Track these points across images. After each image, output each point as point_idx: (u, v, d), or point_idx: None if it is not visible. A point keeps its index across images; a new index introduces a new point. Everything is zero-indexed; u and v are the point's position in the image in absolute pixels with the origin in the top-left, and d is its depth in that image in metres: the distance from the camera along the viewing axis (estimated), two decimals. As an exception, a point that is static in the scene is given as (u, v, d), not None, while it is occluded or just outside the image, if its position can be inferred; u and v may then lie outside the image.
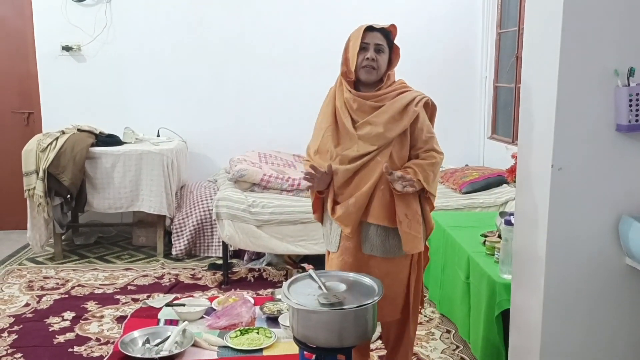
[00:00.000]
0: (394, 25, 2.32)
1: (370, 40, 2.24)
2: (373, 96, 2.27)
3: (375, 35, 2.26)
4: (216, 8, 5.02)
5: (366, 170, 2.23)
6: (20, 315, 3.39)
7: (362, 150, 2.22)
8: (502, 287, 2.41)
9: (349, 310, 1.83)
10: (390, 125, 2.21)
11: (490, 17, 5.11)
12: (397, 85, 2.33)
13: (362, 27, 2.26)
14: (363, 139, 2.23)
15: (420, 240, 2.27)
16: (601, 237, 1.91)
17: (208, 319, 3.22)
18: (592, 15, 1.79)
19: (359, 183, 2.24)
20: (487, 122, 5.24)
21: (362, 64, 2.24)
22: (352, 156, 2.23)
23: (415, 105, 2.25)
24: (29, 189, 4.23)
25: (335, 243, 2.32)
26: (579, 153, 1.86)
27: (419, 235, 2.26)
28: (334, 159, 2.26)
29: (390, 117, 2.22)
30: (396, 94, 2.28)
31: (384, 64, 2.28)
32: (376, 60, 2.24)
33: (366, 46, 2.24)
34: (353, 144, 2.24)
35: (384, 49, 2.27)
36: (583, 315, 1.96)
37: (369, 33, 2.26)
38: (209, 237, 4.45)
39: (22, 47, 5.02)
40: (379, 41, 2.26)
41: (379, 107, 2.24)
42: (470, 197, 4.09)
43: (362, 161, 2.22)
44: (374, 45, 2.24)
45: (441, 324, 3.27)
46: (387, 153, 2.23)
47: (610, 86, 1.82)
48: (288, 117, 5.15)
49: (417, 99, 2.27)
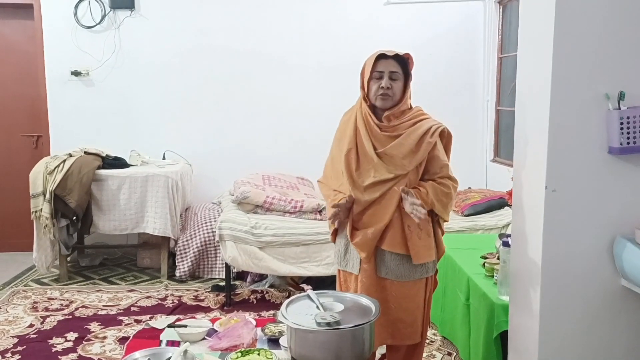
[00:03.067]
0: (409, 54, 2.33)
1: (384, 68, 2.26)
2: (388, 127, 2.29)
3: (389, 62, 2.26)
4: (222, 34, 5.12)
5: (384, 201, 2.27)
6: (24, 336, 3.41)
7: (378, 177, 2.25)
8: (500, 309, 2.42)
9: (345, 330, 1.85)
10: (408, 158, 2.25)
11: (491, 42, 5.18)
12: (413, 113, 2.34)
13: (375, 55, 2.28)
14: (380, 164, 2.26)
15: (428, 250, 2.30)
16: (596, 259, 1.93)
17: (209, 340, 3.21)
18: (582, 40, 1.84)
19: (376, 212, 2.28)
20: (489, 145, 5.28)
21: (378, 92, 2.26)
22: (369, 182, 2.26)
23: (431, 137, 2.27)
24: (35, 211, 4.28)
25: (356, 265, 2.34)
26: (573, 175, 1.89)
27: (426, 244, 2.28)
28: (351, 184, 2.28)
29: (408, 150, 2.25)
30: (412, 123, 2.30)
31: (399, 91, 2.29)
32: (391, 88, 2.26)
33: (380, 74, 2.26)
34: (370, 169, 2.27)
35: (399, 76, 2.28)
36: (579, 337, 1.96)
37: (382, 61, 2.26)
38: (213, 259, 4.47)
39: (32, 71, 5.13)
40: (394, 68, 2.26)
41: (394, 137, 2.27)
42: (472, 219, 4.11)
43: (380, 192, 2.26)
44: (389, 73, 2.26)
45: (442, 346, 3.27)
46: (403, 183, 2.27)
47: (602, 109, 1.86)
48: (292, 140, 5.21)
49: (432, 129, 2.29)
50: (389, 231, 2.28)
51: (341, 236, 2.41)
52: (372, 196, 2.27)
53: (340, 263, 2.43)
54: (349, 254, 2.38)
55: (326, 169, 2.48)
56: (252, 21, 5.13)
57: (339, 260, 2.43)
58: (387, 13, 5.16)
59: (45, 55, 5.05)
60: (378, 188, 2.26)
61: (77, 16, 4.99)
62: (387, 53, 2.28)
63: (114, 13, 5.03)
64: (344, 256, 2.40)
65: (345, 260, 2.39)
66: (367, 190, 2.27)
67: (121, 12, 5.03)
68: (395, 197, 2.25)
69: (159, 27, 5.08)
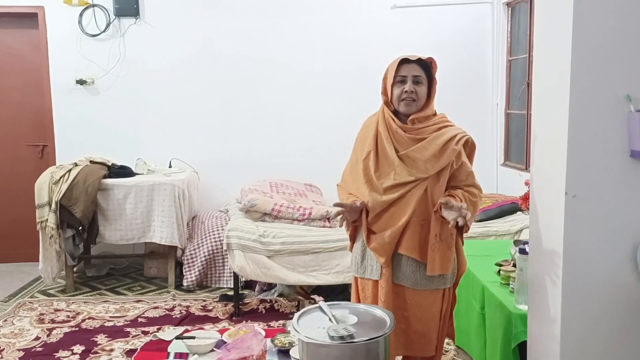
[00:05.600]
0: (432, 58, 2.30)
1: (407, 72, 2.23)
2: (412, 129, 2.25)
3: (412, 67, 2.24)
4: (227, 40, 5.08)
5: (402, 203, 2.22)
6: (30, 349, 3.36)
7: (399, 179, 2.21)
8: (518, 318, 2.34)
9: (359, 344, 1.78)
10: (431, 162, 2.21)
11: (500, 45, 5.12)
12: (437, 119, 2.31)
13: (398, 59, 2.25)
14: (401, 167, 2.22)
15: (446, 263, 2.23)
16: (618, 266, 1.86)
17: (218, 352, 3.16)
18: (602, 39, 1.77)
19: (394, 214, 2.23)
20: (499, 149, 5.21)
21: (401, 97, 2.23)
22: (388, 185, 2.22)
23: (456, 144, 2.24)
24: (41, 221, 4.24)
25: (375, 271, 2.29)
26: (593, 180, 1.82)
27: (446, 256, 2.22)
28: (370, 186, 2.24)
29: (431, 154, 2.21)
30: (436, 129, 2.27)
31: (423, 95, 2.26)
32: (415, 92, 2.23)
33: (403, 79, 2.23)
34: (391, 171, 2.23)
35: (422, 80, 2.25)
36: (601, 346, 1.89)
37: (406, 65, 2.24)
38: (220, 268, 4.42)
39: (37, 81, 5.10)
40: (417, 72, 2.24)
41: (418, 140, 2.23)
42: (483, 225, 4.03)
43: (399, 193, 2.22)
44: (412, 77, 2.23)
45: (457, 356, 3.19)
46: (423, 186, 2.22)
47: (623, 112, 1.79)
48: (299, 146, 5.16)
49: (458, 137, 2.26)
50: (406, 234, 2.22)
51: (358, 243, 2.36)
52: (391, 197, 2.22)
53: (357, 270, 2.37)
54: (366, 260, 2.32)
55: (345, 172, 2.45)
56: (257, 27, 5.09)
57: (355, 268, 2.38)
58: (394, 17, 5.10)
59: (50, 64, 5.03)
60: (397, 190, 2.22)
61: (81, 24, 4.97)
62: (410, 58, 2.25)
63: (119, 21, 5.01)
64: (361, 263, 2.34)
65: (363, 267, 2.34)
66: (386, 192, 2.23)
67: (126, 20, 5.01)
68: (414, 200, 2.21)
69: (164, 34, 5.05)
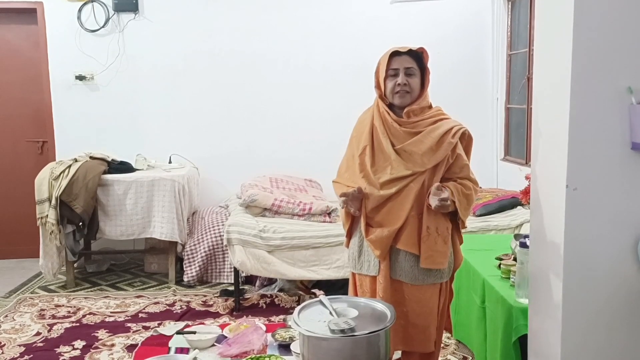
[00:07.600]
0: (423, 48, 2.29)
1: (398, 65, 2.22)
2: (408, 123, 2.25)
3: (403, 59, 2.23)
4: (226, 36, 5.07)
5: (400, 198, 2.22)
6: (31, 345, 3.36)
7: (395, 174, 2.21)
8: (518, 312, 2.34)
9: (360, 337, 1.79)
10: (427, 156, 2.20)
11: (500, 39, 5.11)
12: (433, 112, 2.30)
13: (388, 52, 2.24)
14: (398, 161, 2.21)
15: (441, 257, 2.22)
16: (620, 258, 1.86)
17: (219, 346, 3.17)
18: (603, 31, 1.76)
19: (392, 209, 2.23)
20: (499, 143, 5.20)
21: (395, 90, 2.22)
22: (385, 179, 2.21)
23: (452, 137, 2.23)
24: (41, 217, 4.24)
25: (375, 267, 2.28)
26: (594, 173, 1.81)
27: (441, 250, 2.22)
28: (367, 181, 2.24)
29: (427, 148, 2.20)
30: (432, 122, 2.26)
31: (417, 86, 2.25)
32: (408, 84, 2.22)
33: (396, 72, 2.22)
34: (387, 165, 2.22)
35: (414, 71, 2.24)
36: (603, 339, 1.89)
37: (397, 58, 2.23)
38: (221, 263, 4.42)
39: (36, 76, 5.09)
40: (409, 64, 2.23)
41: (414, 134, 2.22)
42: (484, 219, 4.03)
43: (397, 188, 2.21)
44: (404, 70, 2.22)
45: (457, 350, 3.20)
46: (420, 181, 2.22)
47: (624, 104, 1.78)
48: (299, 141, 5.16)
49: (454, 130, 2.25)
50: (405, 230, 2.22)
51: (355, 238, 2.35)
52: (389, 192, 2.21)
53: (354, 266, 2.37)
54: (363, 255, 2.32)
55: (340, 168, 2.44)
56: (256, 23, 5.08)
57: (353, 264, 2.37)
58: (393, 12, 5.09)
59: (50, 59, 5.02)
60: (394, 184, 2.21)
61: (80, 20, 4.96)
62: (400, 49, 2.23)
63: (118, 16, 4.99)
64: (359, 258, 2.34)
65: (360, 262, 2.33)
66: (384, 187, 2.22)
67: (125, 15, 4.99)
68: (412, 195, 2.20)
69: (163, 30, 5.03)
